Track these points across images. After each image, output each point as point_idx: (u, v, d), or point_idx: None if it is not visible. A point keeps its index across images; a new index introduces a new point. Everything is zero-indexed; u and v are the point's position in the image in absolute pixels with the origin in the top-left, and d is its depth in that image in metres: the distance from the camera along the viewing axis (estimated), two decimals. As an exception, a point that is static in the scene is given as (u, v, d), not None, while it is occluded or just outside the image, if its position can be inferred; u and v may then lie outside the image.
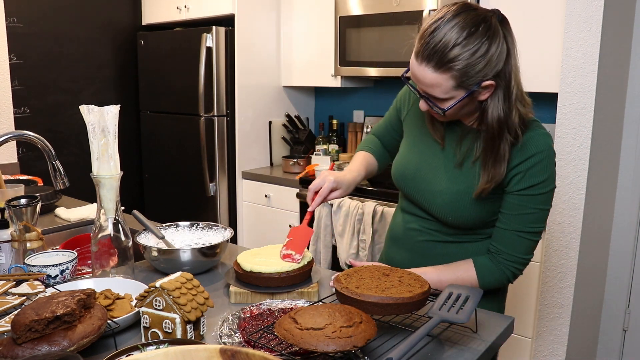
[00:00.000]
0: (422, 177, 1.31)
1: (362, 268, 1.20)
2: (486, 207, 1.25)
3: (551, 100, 2.59)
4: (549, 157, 1.20)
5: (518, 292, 2.33)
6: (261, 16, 3.26)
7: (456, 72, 1.10)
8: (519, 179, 1.20)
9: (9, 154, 2.78)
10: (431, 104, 1.18)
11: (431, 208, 1.30)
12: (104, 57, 3.56)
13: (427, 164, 1.31)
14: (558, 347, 2.24)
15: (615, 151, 2.46)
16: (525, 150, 1.20)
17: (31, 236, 1.40)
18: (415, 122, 1.38)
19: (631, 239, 2.56)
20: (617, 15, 2.16)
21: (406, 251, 1.40)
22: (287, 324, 0.97)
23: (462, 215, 1.25)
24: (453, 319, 1.02)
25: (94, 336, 0.99)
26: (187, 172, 3.39)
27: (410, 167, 1.34)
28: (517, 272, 1.27)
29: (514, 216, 1.23)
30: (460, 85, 1.12)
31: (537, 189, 1.20)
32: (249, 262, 1.31)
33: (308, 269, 1.32)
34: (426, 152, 1.32)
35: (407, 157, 1.36)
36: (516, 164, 1.20)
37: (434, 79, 1.12)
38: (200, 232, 1.59)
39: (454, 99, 1.14)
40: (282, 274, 1.27)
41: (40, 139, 1.65)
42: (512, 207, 1.23)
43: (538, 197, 1.21)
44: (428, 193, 1.29)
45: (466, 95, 1.13)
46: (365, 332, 0.94)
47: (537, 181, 1.20)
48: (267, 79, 3.35)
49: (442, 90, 1.13)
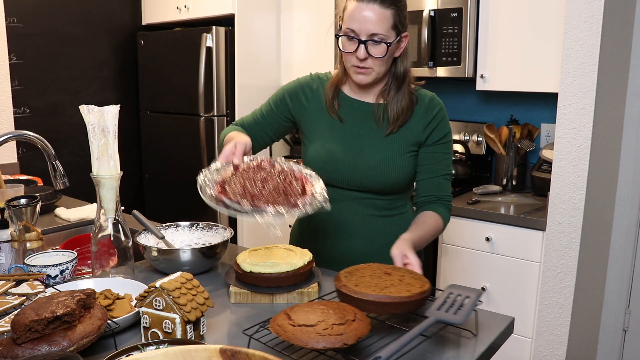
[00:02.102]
0: (353, 158, 1.46)
1: (364, 266, 1.21)
2: (410, 161, 1.47)
3: (551, 100, 2.59)
4: (445, 112, 1.50)
5: (518, 292, 2.33)
6: (261, 16, 3.26)
7: (394, 11, 1.34)
8: (434, 132, 1.46)
9: (9, 154, 2.78)
10: (371, 46, 1.35)
11: (370, 181, 1.46)
12: (104, 57, 3.56)
13: (352, 146, 1.47)
14: (558, 347, 2.24)
15: (615, 151, 2.46)
16: (430, 109, 1.46)
17: (31, 236, 1.40)
18: (318, 115, 1.51)
19: (631, 239, 2.56)
20: (617, 15, 2.16)
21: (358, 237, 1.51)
22: (281, 320, 0.98)
23: (398, 174, 1.45)
24: (449, 319, 1.02)
25: (93, 336, 0.99)
26: (187, 172, 3.39)
27: (337, 153, 1.47)
28: (451, 208, 1.53)
29: (437, 163, 1.48)
30: (395, 26, 1.35)
31: (447, 137, 1.49)
32: (249, 262, 1.31)
33: (308, 268, 1.32)
34: (345, 136, 1.48)
35: (328, 146, 1.48)
36: (428, 121, 1.45)
37: (381, 14, 1.33)
38: (200, 232, 1.59)
39: (390, 39, 1.35)
40: (282, 274, 1.27)
41: (40, 139, 1.65)
42: (434, 156, 1.47)
43: (448, 144, 1.49)
44: (365, 168, 1.45)
45: (395, 39, 1.36)
46: (357, 330, 0.95)
47: (446, 131, 1.48)
48: (267, 79, 3.35)
49: (385, 27, 1.34)
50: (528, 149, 2.63)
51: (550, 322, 2.24)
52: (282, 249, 1.39)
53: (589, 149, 2.07)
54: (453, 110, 3.01)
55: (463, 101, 2.98)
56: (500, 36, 2.47)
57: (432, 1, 2.57)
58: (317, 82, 1.54)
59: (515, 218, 2.29)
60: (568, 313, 2.19)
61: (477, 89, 2.58)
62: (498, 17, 2.46)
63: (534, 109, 2.76)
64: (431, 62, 2.61)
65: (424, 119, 1.45)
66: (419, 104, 1.46)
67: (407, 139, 1.45)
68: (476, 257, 2.41)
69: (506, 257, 2.35)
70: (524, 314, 2.32)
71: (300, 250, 1.38)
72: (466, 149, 2.82)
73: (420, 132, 1.46)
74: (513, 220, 2.30)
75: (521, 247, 2.30)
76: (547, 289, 2.23)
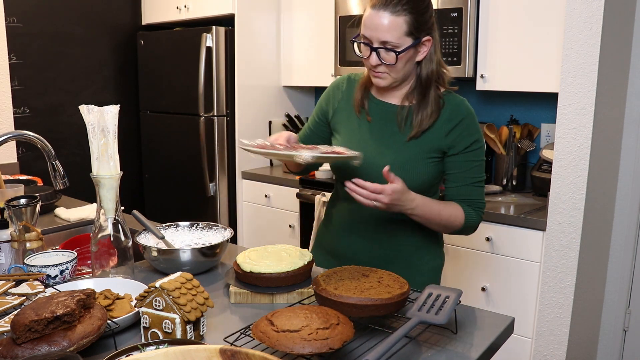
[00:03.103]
0: (372, 158, 1.43)
1: (342, 269, 1.22)
2: (430, 168, 1.44)
3: (551, 100, 2.59)
4: (475, 118, 1.45)
5: (518, 292, 2.33)
6: (261, 16, 3.26)
7: (408, 17, 1.31)
8: (459, 140, 1.41)
9: (9, 154, 2.78)
10: (383, 53, 1.34)
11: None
12: (104, 57, 3.56)
13: (371, 148, 1.46)
14: (558, 347, 2.24)
15: (615, 151, 2.46)
16: (456, 115, 1.41)
17: (31, 236, 1.40)
18: (346, 113, 1.53)
19: (631, 239, 2.56)
20: (617, 15, 2.16)
21: (376, 239, 1.51)
22: (263, 326, 0.96)
23: (414, 179, 1.41)
24: (432, 320, 1.03)
25: (93, 336, 0.98)
26: (187, 172, 3.39)
27: (358, 151, 1.43)
28: (482, 214, 1.49)
29: (466, 171, 1.44)
30: (410, 33, 1.33)
31: (475, 145, 1.43)
32: (249, 262, 1.31)
33: (308, 268, 1.32)
34: (368, 135, 1.48)
35: (351, 144, 1.47)
36: (451, 128, 1.41)
37: (392, 22, 1.31)
38: (200, 232, 1.59)
39: (404, 46, 1.33)
40: (282, 274, 1.27)
41: (40, 139, 1.65)
42: (461, 165, 1.43)
43: (477, 151, 1.44)
44: (382, 169, 1.39)
45: (413, 44, 1.34)
46: (342, 334, 0.94)
47: (474, 139, 1.43)
48: (267, 79, 3.35)
49: (396, 35, 1.32)
50: (528, 149, 2.63)
51: (550, 322, 2.24)
52: (282, 249, 1.39)
53: (589, 149, 2.07)
54: (453, 110, 3.01)
55: (463, 101, 2.98)
56: (500, 36, 2.47)
57: (432, 1, 2.57)
58: (347, 82, 1.56)
59: (516, 218, 2.29)
60: (568, 313, 2.19)
61: (477, 89, 2.58)
62: (498, 17, 2.46)
63: (534, 109, 2.76)
64: (431, 62, 2.61)
65: (447, 124, 1.41)
66: (444, 109, 1.42)
67: (429, 144, 1.42)
68: (476, 257, 2.41)
69: (506, 257, 2.35)
70: (524, 314, 2.32)
71: (300, 250, 1.38)
72: (466, 149, 2.82)
73: (442, 138, 1.42)
74: (513, 220, 2.30)
75: (521, 247, 2.30)
76: (547, 289, 2.23)
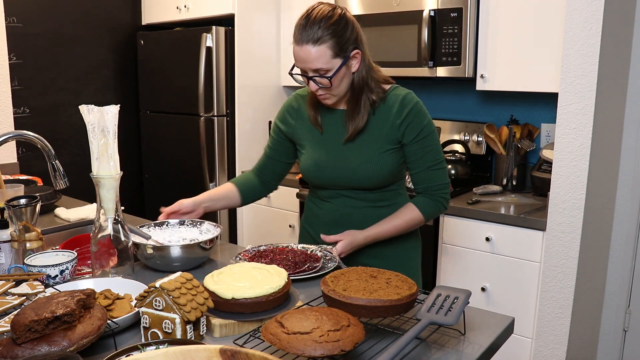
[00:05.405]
0: (336, 163, 1.58)
1: (349, 270, 1.21)
2: (391, 158, 1.55)
3: (551, 100, 2.59)
4: (421, 106, 1.55)
5: (518, 292, 2.33)
6: (261, 16, 3.26)
7: (330, 42, 1.42)
8: (410, 130, 1.52)
9: (9, 154, 2.78)
10: (318, 79, 1.46)
11: (354, 181, 1.57)
12: (104, 57, 3.56)
13: (334, 152, 1.58)
14: (558, 347, 2.24)
15: (615, 151, 2.46)
16: (403, 108, 1.52)
17: (31, 236, 1.40)
18: (305, 128, 1.64)
19: (631, 238, 2.56)
20: (617, 15, 2.16)
21: (358, 226, 1.60)
22: (273, 328, 0.95)
23: (378, 172, 1.54)
24: (441, 321, 1.02)
25: (93, 336, 0.98)
26: (187, 172, 3.39)
27: (322, 160, 1.59)
28: (447, 196, 1.59)
29: (422, 157, 1.54)
30: (336, 55, 1.43)
31: (425, 131, 1.53)
32: (229, 288, 1.14)
33: (288, 288, 1.20)
34: (328, 144, 1.60)
35: (314, 155, 1.61)
36: (402, 119, 1.52)
37: (316, 52, 1.42)
38: (187, 229, 1.64)
39: (334, 68, 1.44)
40: (269, 296, 1.13)
41: (40, 139, 1.65)
42: (416, 152, 1.54)
43: (429, 136, 1.54)
44: (348, 171, 1.56)
45: (343, 63, 1.44)
46: (353, 336, 0.93)
47: (423, 125, 1.53)
48: (267, 79, 3.35)
49: (324, 61, 1.42)
50: (528, 149, 2.63)
51: (550, 322, 2.24)
52: (251, 268, 1.24)
53: (589, 149, 2.07)
54: (453, 110, 3.01)
55: (463, 101, 2.98)
56: (500, 36, 2.47)
57: (432, 1, 2.57)
58: (299, 100, 1.67)
59: (516, 218, 2.29)
60: (568, 313, 2.19)
61: (477, 89, 2.58)
62: (498, 17, 2.46)
63: (534, 109, 2.76)
64: (431, 62, 2.61)
65: (397, 118, 1.52)
66: (392, 104, 1.53)
67: (383, 138, 1.54)
68: (476, 257, 2.41)
69: (506, 257, 2.35)
70: (524, 314, 2.32)
71: (266, 266, 1.25)
72: (466, 149, 2.82)
73: (396, 130, 1.53)
74: (513, 220, 2.30)
75: (521, 247, 2.30)
76: (547, 289, 2.23)
